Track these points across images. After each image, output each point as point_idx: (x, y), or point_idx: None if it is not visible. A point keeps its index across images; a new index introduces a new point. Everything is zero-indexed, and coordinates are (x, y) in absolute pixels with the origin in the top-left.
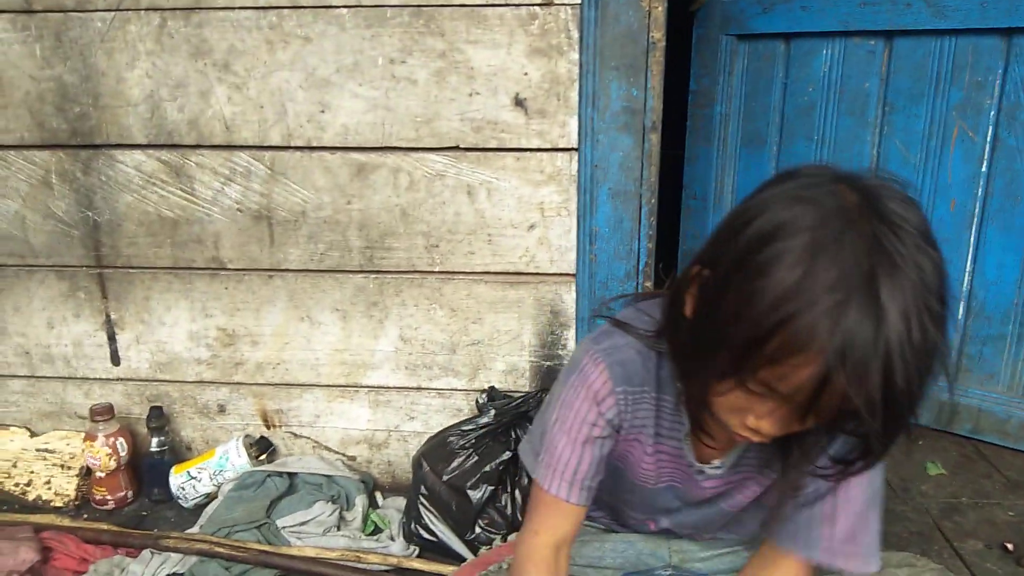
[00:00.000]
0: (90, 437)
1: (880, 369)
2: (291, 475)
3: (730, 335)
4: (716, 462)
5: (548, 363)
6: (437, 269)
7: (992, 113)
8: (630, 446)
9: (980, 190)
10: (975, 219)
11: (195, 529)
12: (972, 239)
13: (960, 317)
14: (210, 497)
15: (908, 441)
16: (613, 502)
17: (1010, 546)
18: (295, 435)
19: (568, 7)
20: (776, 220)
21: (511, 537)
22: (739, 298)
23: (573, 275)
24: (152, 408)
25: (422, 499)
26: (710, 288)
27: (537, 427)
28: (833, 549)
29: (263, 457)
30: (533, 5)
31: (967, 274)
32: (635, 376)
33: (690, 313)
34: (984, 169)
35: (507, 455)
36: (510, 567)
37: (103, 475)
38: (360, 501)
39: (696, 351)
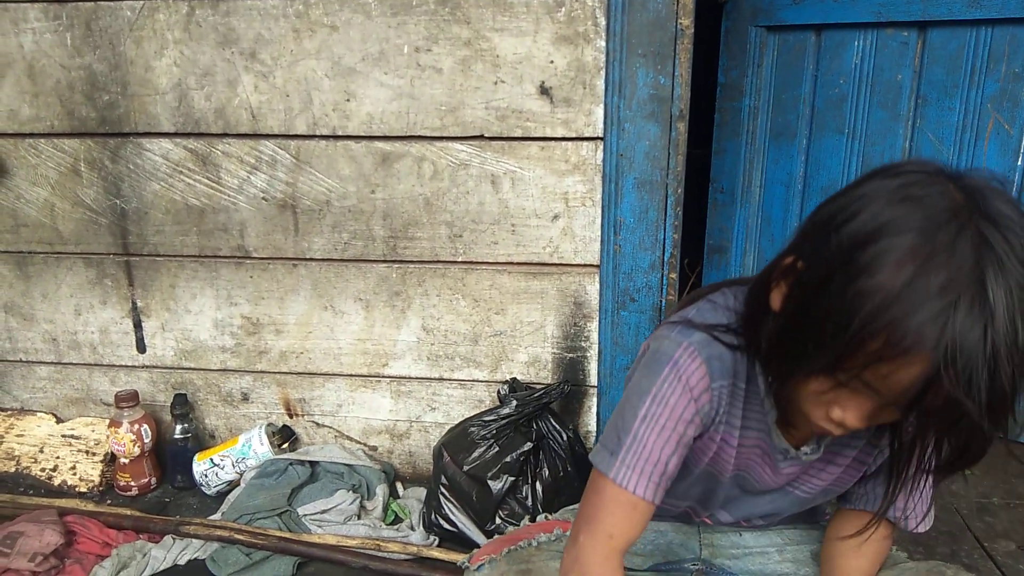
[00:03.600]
0: (115, 424)
1: (987, 370)
2: (313, 464)
3: (831, 335)
4: (806, 448)
5: (571, 355)
6: (460, 259)
7: None
8: (712, 438)
9: (1016, 184)
10: None
11: (217, 516)
12: None
13: None
14: (232, 484)
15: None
16: (677, 500)
17: None
18: (317, 424)
19: None
20: (881, 218)
21: (540, 518)
22: (842, 298)
23: (597, 266)
24: (176, 395)
25: (442, 489)
26: (806, 283)
27: (612, 429)
28: (907, 517)
29: (285, 446)
30: None
31: None
32: (729, 370)
33: (779, 307)
34: (1020, 163)
35: (528, 446)
36: (575, 568)
37: (127, 461)
38: (381, 491)
39: (789, 348)
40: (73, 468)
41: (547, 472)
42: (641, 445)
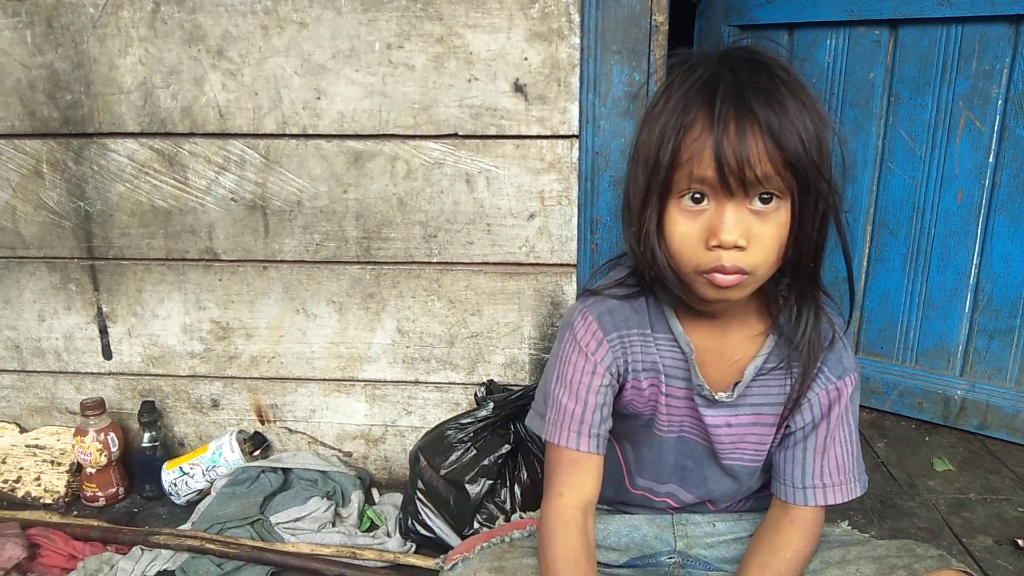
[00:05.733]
0: (81, 432)
1: (731, 106)
2: (285, 471)
3: (647, 173)
4: (723, 394)
5: (548, 356)
6: (435, 260)
7: (1000, 102)
8: (643, 392)
9: (987, 181)
10: (982, 210)
11: (187, 526)
12: (979, 231)
13: (967, 310)
14: (203, 493)
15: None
16: (630, 473)
17: (1021, 542)
18: (290, 430)
19: None
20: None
21: (515, 516)
22: (641, 151)
23: (574, 265)
24: (144, 403)
25: (419, 494)
26: (632, 161)
27: (539, 394)
28: (825, 485)
29: (257, 453)
30: None
31: (974, 267)
32: (627, 320)
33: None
34: (991, 160)
35: (506, 448)
36: (539, 536)
37: (94, 471)
38: (356, 497)
39: (640, 204)
40: (37, 479)
41: (525, 475)
42: (559, 403)
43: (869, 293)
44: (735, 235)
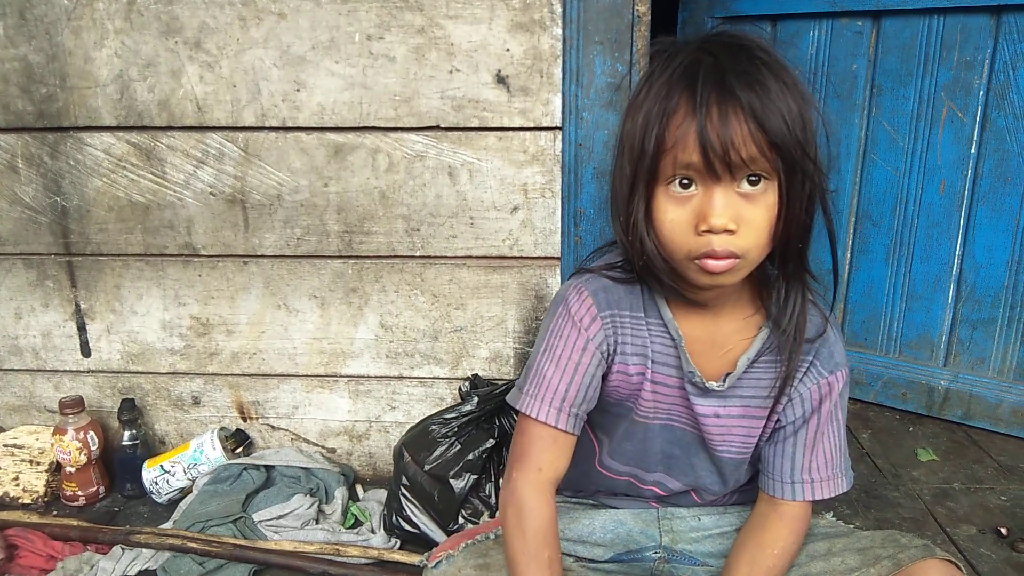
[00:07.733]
0: (60, 431)
1: (713, 86)
2: (268, 468)
3: (633, 162)
4: (714, 383)
5: (534, 345)
6: (418, 254)
7: (981, 93)
8: (631, 378)
9: (970, 172)
10: (965, 201)
11: (168, 524)
12: (962, 222)
13: (950, 301)
14: (184, 492)
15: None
16: (615, 464)
17: (1004, 530)
18: (272, 427)
19: None
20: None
21: (499, 513)
22: (626, 141)
23: (558, 258)
24: (124, 401)
25: (403, 490)
26: (617, 153)
27: (524, 370)
28: (813, 480)
29: (239, 450)
30: None
31: (957, 257)
32: (620, 301)
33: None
34: (973, 150)
35: (491, 443)
36: (511, 509)
37: (73, 470)
38: (340, 494)
39: (628, 190)
40: (16, 479)
41: None
42: (542, 376)
43: (852, 284)
44: (724, 219)
